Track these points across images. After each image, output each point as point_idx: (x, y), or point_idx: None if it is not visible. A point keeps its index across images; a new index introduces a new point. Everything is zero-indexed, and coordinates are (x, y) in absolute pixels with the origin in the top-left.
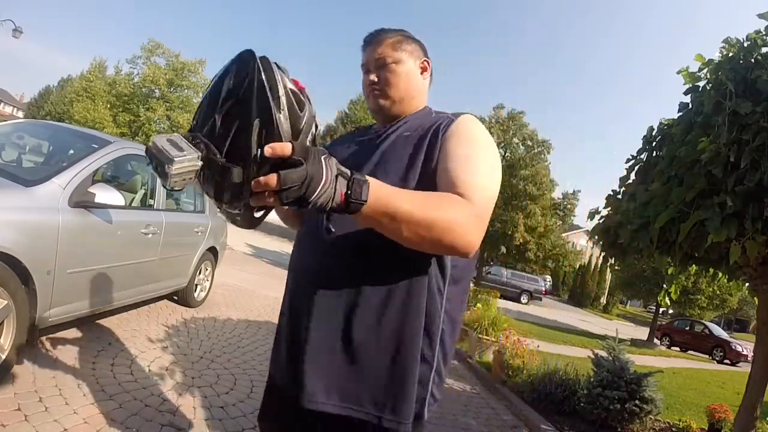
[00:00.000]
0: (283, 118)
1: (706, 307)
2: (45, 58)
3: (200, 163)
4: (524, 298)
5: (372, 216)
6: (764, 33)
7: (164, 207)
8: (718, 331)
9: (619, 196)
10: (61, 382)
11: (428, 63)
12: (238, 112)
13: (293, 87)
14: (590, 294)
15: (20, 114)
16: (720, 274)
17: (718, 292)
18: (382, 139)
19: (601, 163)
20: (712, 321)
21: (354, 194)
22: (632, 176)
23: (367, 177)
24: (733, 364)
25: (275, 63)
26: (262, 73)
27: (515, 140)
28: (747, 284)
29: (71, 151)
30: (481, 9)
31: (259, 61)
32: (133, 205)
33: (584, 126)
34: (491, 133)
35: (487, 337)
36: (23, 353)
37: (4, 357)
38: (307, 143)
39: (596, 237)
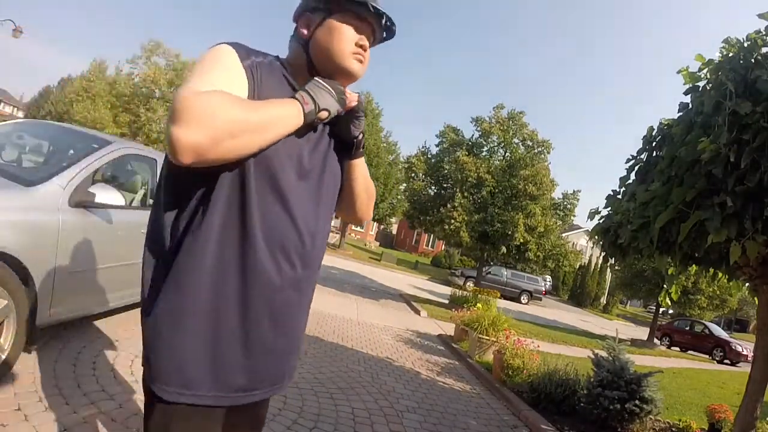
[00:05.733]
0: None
1: (706, 307)
2: (45, 58)
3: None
4: (524, 298)
5: (362, 163)
6: (764, 33)
7: None
8: (718, 331)
9: (619, 196)
10: (61, 382)
11: None
12: None
13: None
14: (590, 294)
15: (20, 114)
16: (720, 274)
17: (718, 292)
18: None
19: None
20: (712, 321)
21: (363, 143)
22: (632, 176)
23: None
24: (733, 364)
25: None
26: None
27: (515, 140)
28: (747, 284)
29: (71, 151)
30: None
31: None
32: (133, 205)
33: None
34: (491, 132)
35: (487, 337)
36: (23, 353)
37: (4, 357)
38: None
39: (596, 237)
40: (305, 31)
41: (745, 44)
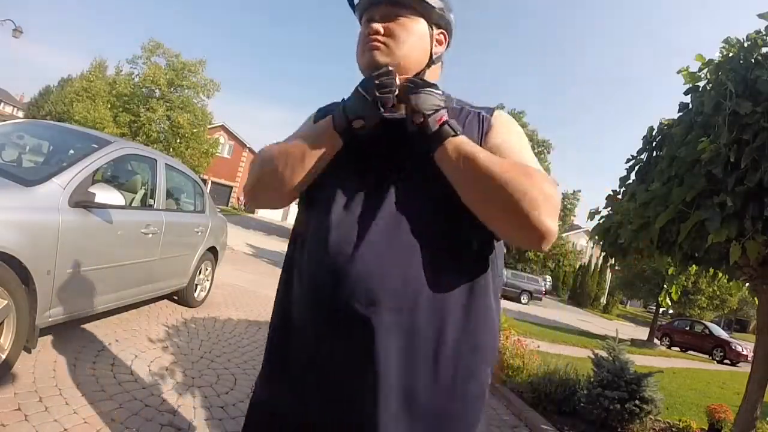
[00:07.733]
0: None
1: (706, 307)
2: (45, 58)
3: None
4: (524, 298)
5: (454, 153)
6: (764, 33)
7: (164, 207)
8: (718, 331)
9: (619, 196)
10: (61, 382)
11: (445, 37)
12: None
13: None
14: (590, 294)
15: (20, 114)
16: (720, 275)
17: (718, 292)
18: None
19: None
20: (712, 321)
21: (452, 123)
22: (632, 176)
23: None
24: (733, 364)
25: None
26: None
27: None
28: (747, 284)
29: (71, 151)
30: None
31: None
32: (133, 205)
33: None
34: None
35: None
36: (23, 353)
37: (4, 357)
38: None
39: (596, 237)
40: None
41: (745, 44)
